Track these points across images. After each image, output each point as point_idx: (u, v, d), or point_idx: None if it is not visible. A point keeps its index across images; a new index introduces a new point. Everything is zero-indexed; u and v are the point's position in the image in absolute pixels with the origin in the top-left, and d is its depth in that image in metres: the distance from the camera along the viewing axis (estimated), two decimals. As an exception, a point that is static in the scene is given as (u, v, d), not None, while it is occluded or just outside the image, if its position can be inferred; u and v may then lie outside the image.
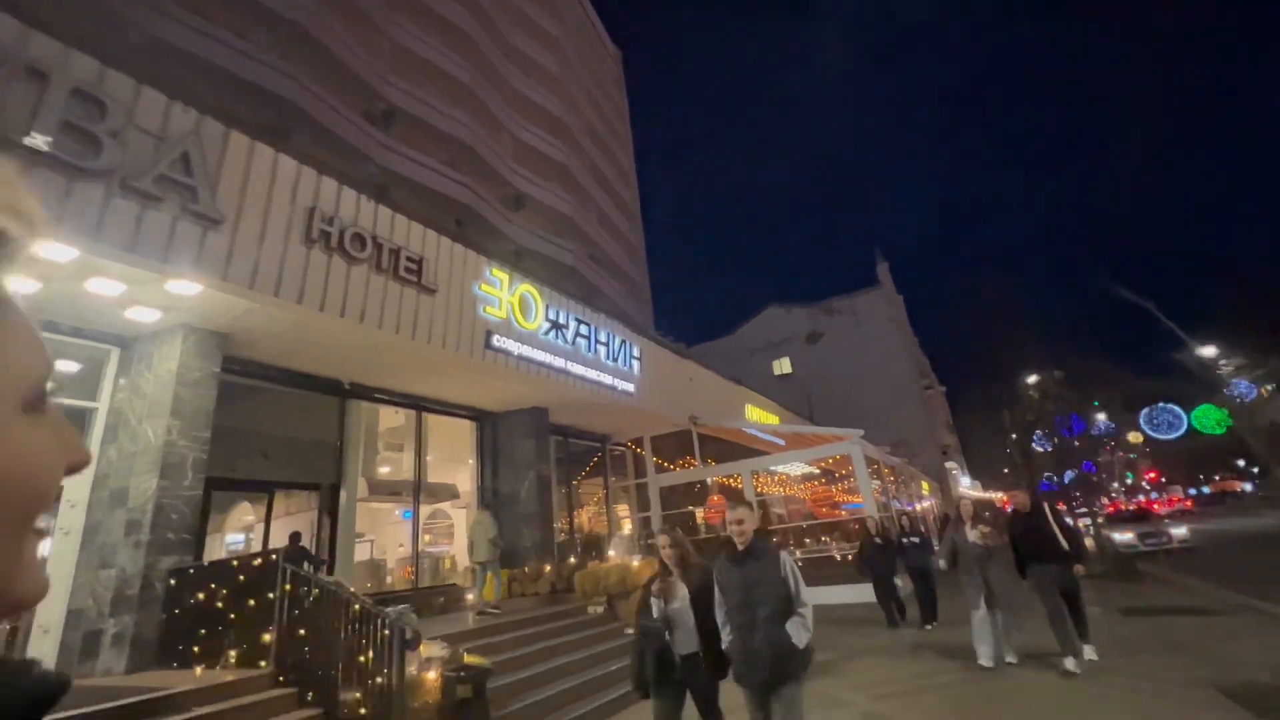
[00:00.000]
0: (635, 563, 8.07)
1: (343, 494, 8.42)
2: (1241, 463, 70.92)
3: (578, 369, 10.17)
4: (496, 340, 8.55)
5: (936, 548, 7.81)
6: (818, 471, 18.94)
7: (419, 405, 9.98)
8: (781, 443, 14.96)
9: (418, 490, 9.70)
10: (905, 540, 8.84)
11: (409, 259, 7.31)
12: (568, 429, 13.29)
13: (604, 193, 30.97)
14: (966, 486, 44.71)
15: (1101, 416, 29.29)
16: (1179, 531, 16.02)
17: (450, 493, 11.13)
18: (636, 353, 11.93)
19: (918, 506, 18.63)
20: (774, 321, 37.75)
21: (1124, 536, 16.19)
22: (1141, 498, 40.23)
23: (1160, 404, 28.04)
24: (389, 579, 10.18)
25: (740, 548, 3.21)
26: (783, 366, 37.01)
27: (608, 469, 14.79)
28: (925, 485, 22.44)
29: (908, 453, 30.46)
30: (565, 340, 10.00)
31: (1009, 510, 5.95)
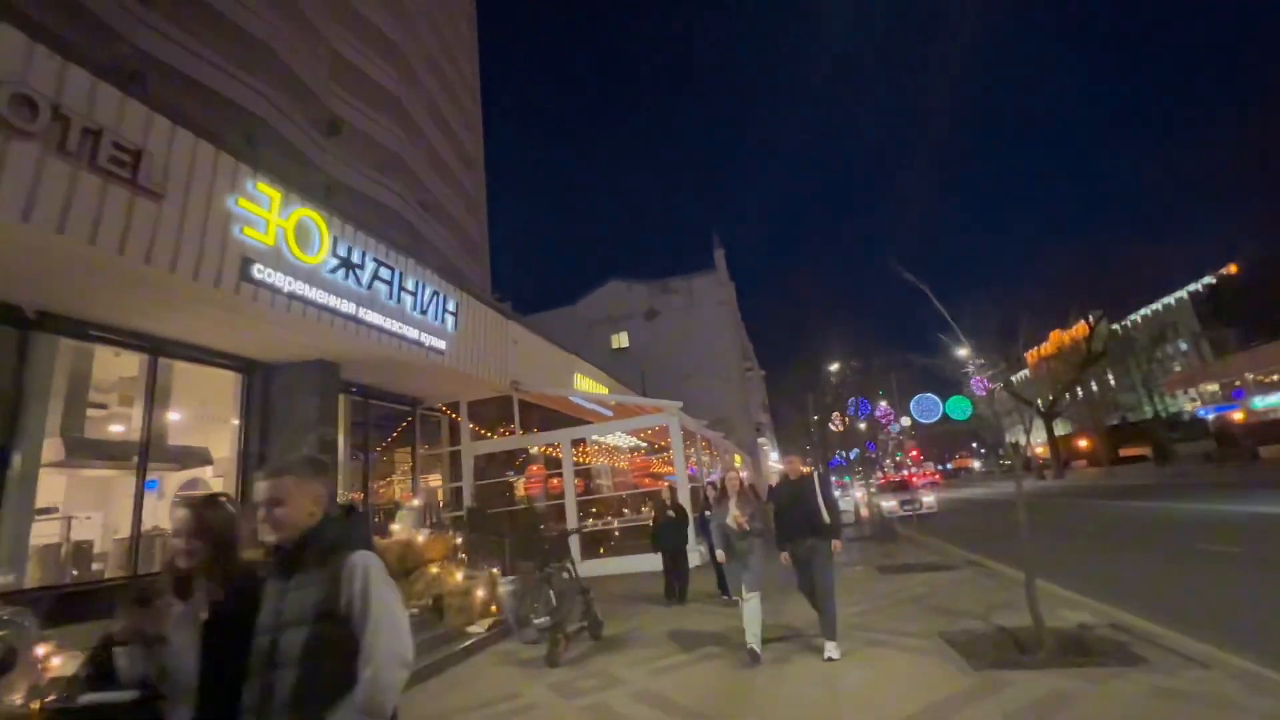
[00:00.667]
0: (421, 538, 7.18)
1: (15, 458, 6.31)
2: (975, 444, 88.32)
3: (374, 318, 8.80)
4: (259, 271, 6.94)
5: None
6: (642, 443, 19.34)
7: (159, 349, 7.90)
8: (608, 413, 14.82)
9: (145, 454, 7.69)
10: (706, 514, 9.04)
11: (118, 147, 5.48)
12: (370, 389, 11.72)
13: (441, 134, 28.23)
14: (775, 460, 49.72)
15: (884, 404, 34.20)
16: (929, 500, 19.05)
17: (200, 458, 9.12)
18: (452, 307, 10.77)
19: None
20: (615, 296, 37.95)
21: (888, 504, 18.84)
22: (905, 472, 47.76)
23: (924, 394, 33.25)
24: (97, 565, 8.02)
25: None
26: (620, 341, 37.45)
27: (418, 435, 13.45)
28: (738, 459, 24.15)
29: (726, 429, 32.78)
30: (359, 283, 8.57)
31: (779, 476, 5.98)
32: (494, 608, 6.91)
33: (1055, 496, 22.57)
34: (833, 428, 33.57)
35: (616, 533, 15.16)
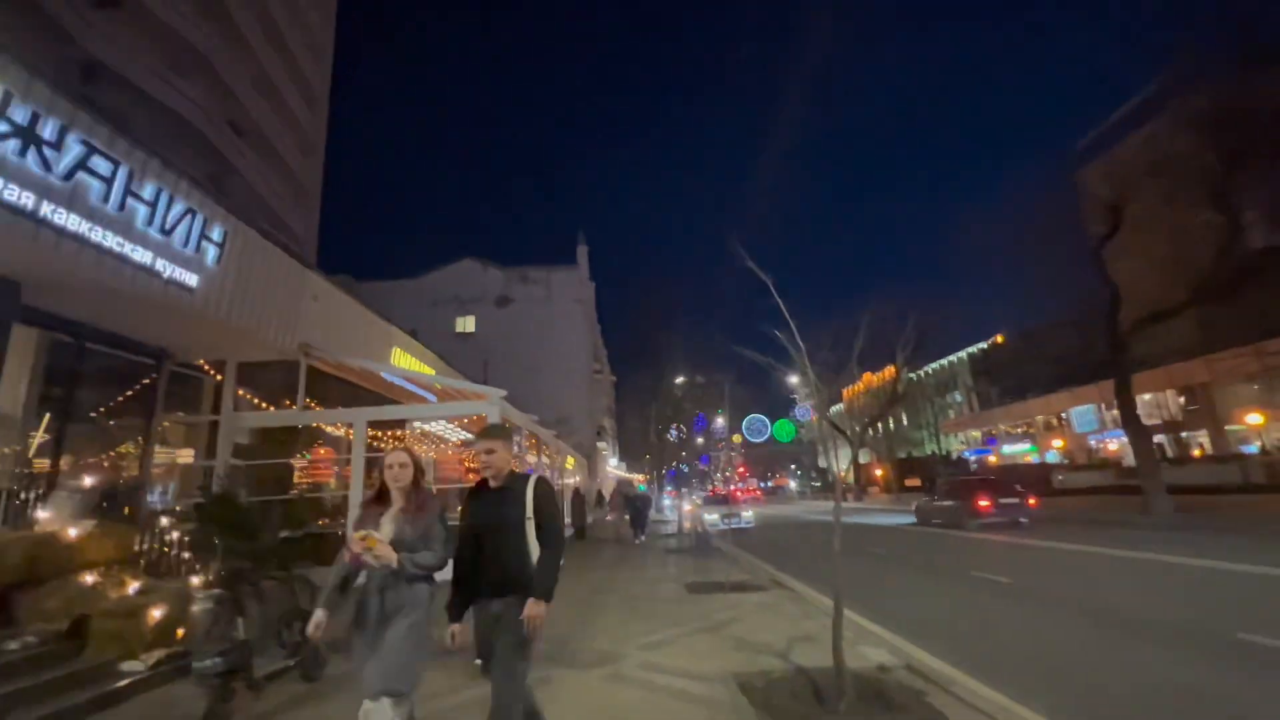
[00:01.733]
0: (75, 533, 5.02)
1: None
2: (794, 466, 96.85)
3: (73, 223, 6.34)
4: None
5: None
6: (471, 435, 17.51)
7: None
8: (431, 397, 12.92)
9: None
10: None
11: None
12: (84, 328, 8.77)
13: (273, 50, 23.93)
14: (614, 466, 49.72)
15: (720, 421, 35.62)
16: (748, 515, 19.57)
17: None
18: (216, 235, 8.37)
19: (557, 480, 18.77)
20: (468, 276, 35.24)
21: (710, 517, 19.05)
22: (731, 487, 50.29)
23: (755, 414, 35.10)
24: None
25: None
26: (466, 325, 34.81)
27: (158, 397, 10.50)
28: (570, 460, 23.16)
29: (567, 429, 31.74)
30: (51, 169, 6.08)
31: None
32: (181, 631, 5.00)
33: (852, 517, 24.74)
34: (671, 438, 34.15)
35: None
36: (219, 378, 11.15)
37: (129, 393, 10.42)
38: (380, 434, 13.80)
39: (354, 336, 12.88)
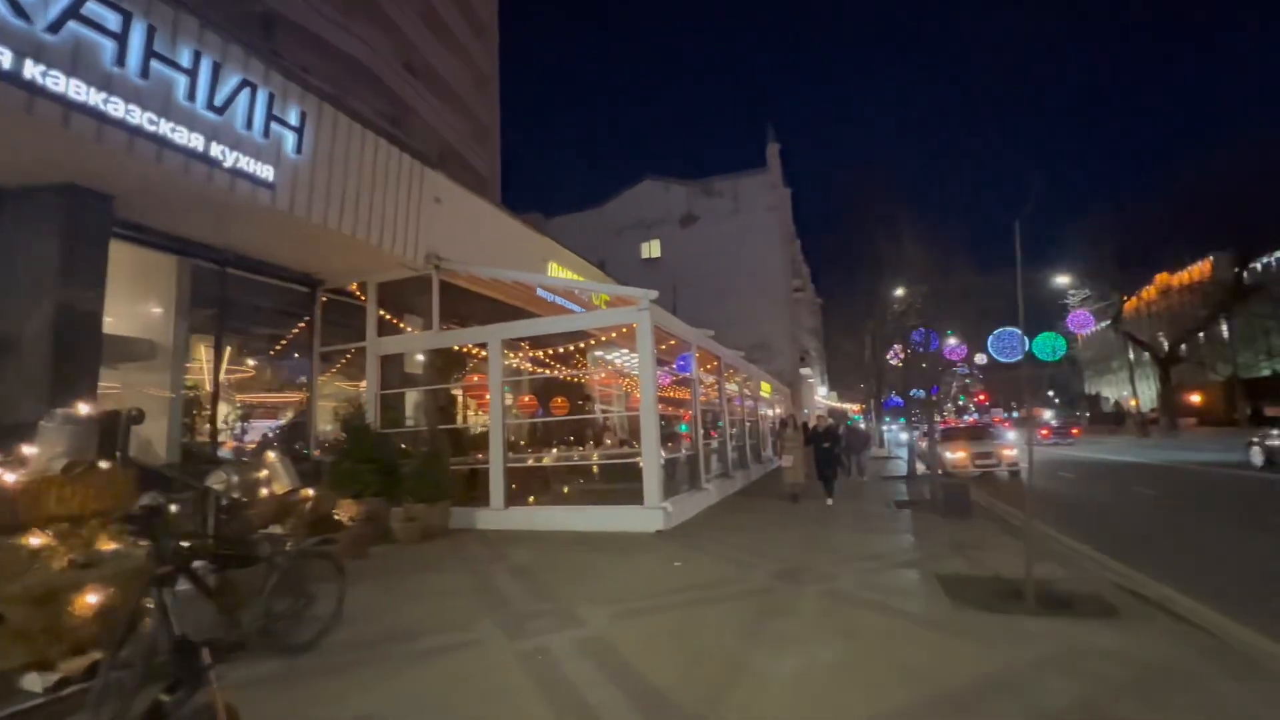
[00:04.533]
0: (53, 472, 3.68)
1: None
2: (1051, 393, 79.89)
3: (113, 105, 5.14)
4: None
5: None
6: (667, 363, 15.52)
7: None
8: (576, 309, 10.96)
9: None
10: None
11: None
12: (227, 253, 8.28)
13: (434, -22, 23.39)
14: (823, 396, 45.18)
15: (953, 341, 28.82)
16: (1011, 454, 14.53)
17: None
18: (293, 118, 6.91)
19: (741, 409, 15.93)
20: (649, 197, 33.14)
21: (955, 456, 14.52)
22: (970, 417, 42.35)
23: (1006, 328, 27.73)
24: None
25: None
26: (652, 250, 33.02)
27: (315, 326, 10.09)
28: (766, 387, 20.04)
29: (765, 355, 28.49)
30: (124, 64, 4.87)
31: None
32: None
33: (1159, 455, 17.51)
34: (892, 362, 28.67)
35: (595, 471, 11.73)
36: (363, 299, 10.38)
37: (293, 322, 10.20)
38: (546, 355, 12.34)
39: (500, 248, 11.28)
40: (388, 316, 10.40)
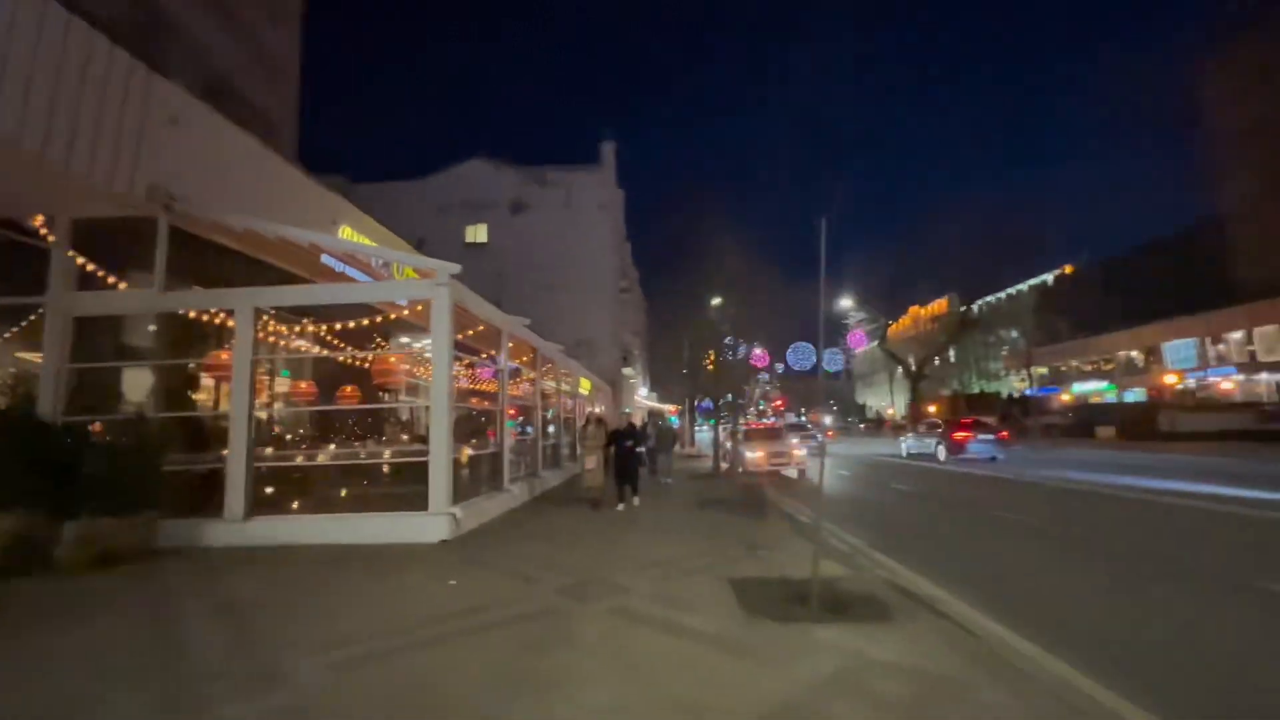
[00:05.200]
0: None
1: None
2: (831, 401, 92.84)
3: None
4: None
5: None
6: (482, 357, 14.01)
7: None
8: (362, 277, 9.29)
9: None
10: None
11: None
12: None
13: None
14: (644, 396, 46.64)
15: (759, 349, 31.55)
16: (801, 454, 15.89)
17: None
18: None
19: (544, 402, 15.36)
20: (478, 178, 31.08)
21: (753, 454, 15.46)
22: (769, 420, 46.81)
23: (801, 341, 31.07)
24: None
25: None
26: (477, 234, 31.00)
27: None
28: (586, 384, 19.70)
29: (589, 353, 28.31)
30: None
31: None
32: None
33: (924, 463, 20.89)
34: (706, 366, 30.39)
35: (386, 471, 10.03)
36: (71, 254, 7.64)
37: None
38: (330, 334, 10.36)
39: (272, 201, 9.16)
40: (93, 268, 7.79)
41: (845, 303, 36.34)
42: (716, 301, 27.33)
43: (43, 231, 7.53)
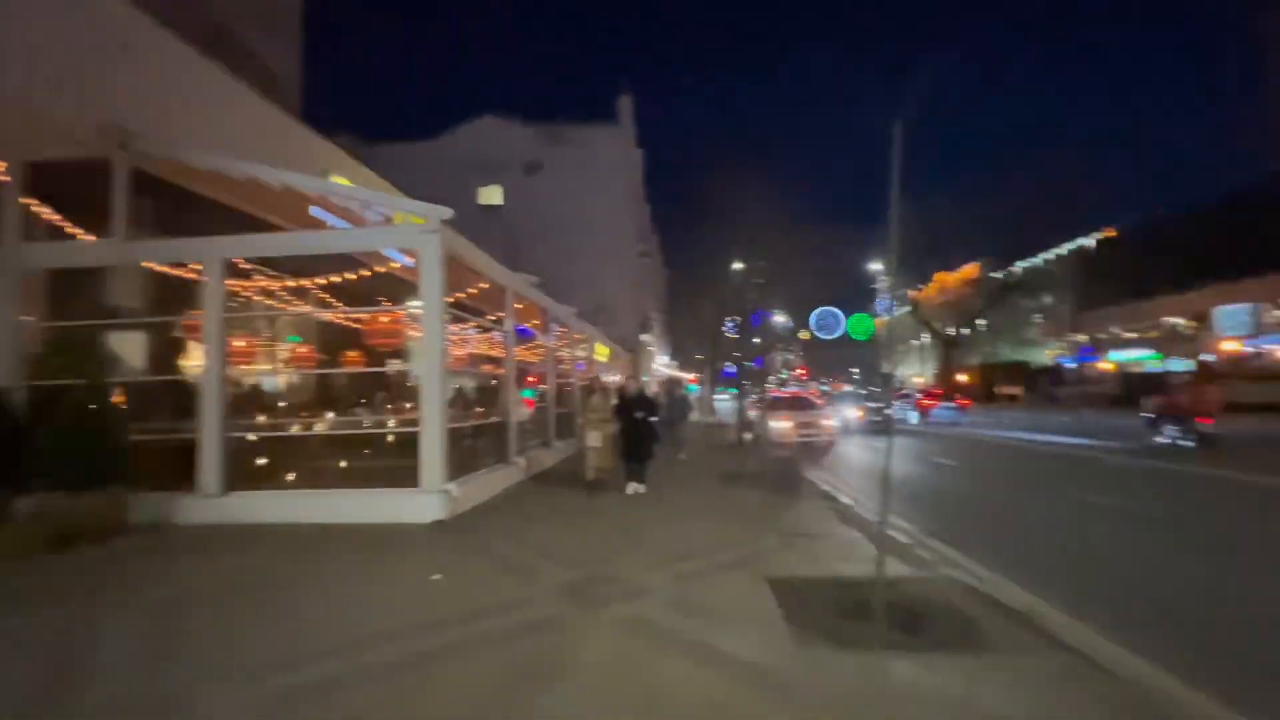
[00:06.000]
0: None
1: None
2: (854, 370, 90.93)
3: None
4: None
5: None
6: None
7: None
8: (341, 223, 8.34)
9: None
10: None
11: None
12: None
13: None
14: (664, 364, 45.79)
15: (781, 318, 30.32)
16: (830, 424, 14.91)
17: None
18: None
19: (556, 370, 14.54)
20: (490, 136, 29.80)
21: (780, 425, 14.52)
22: (793, 389, 45.80)
23: (826, 307, 29.71)
24: None
25: None
26: (492, 196, 29.92)
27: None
28: (603, 350, 18.83)
29: (607, 319, 27.40)
30: None
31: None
32: None
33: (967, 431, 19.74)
34: (727, 334, 29.33)
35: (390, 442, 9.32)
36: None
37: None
38: (323, 290, 9.60)
39: (253, 145, 8.25)
40: (54, 217, 7.02)
41: (875, 266, 34.78)
42: (738, 265, 26.06)
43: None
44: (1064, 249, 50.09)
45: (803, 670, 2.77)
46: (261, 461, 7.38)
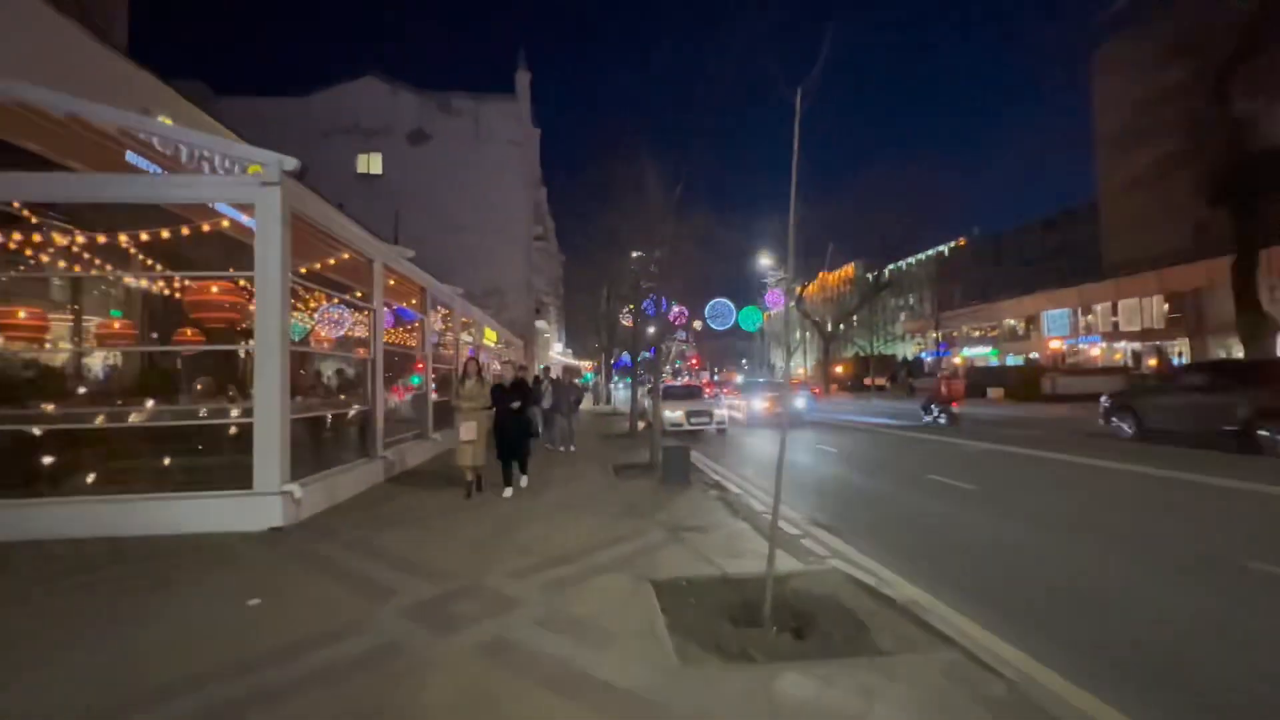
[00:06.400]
0: None
1: None
2: (743, 360, 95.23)
3: None
4: None
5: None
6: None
7: None
8: (152, 168, 6.93)
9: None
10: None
11: None
12: None
13: None
14: (559, 352, 44.89)
15: (677, 307, 30.68)
16: (720, 412, 15.14)
17: None
18: None
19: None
20: (371, 99, 27.19)
21: (673, 415, 14.52)
22: (685, 378, 46.73)
23: (719, 299, 30.46)
24: None
25: None
26: (370, 164, 27.36)
27: None
28: (491, 334, 17.84)
29: (499, 303, 26.16)
30: None
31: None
32: None
33: (834, 415, 20.98)
34: (624, 323, 29.14)
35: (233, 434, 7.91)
36: None
37: None
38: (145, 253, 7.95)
39: (40, 68, 6.56)
40: None
41: (764, 261, 36.28)
42: (637, 254, 25.83)
43: None
44: (927, 254, 55.70)
45: (686, 696, 2.44)
46: (47, 461, 5.95)
